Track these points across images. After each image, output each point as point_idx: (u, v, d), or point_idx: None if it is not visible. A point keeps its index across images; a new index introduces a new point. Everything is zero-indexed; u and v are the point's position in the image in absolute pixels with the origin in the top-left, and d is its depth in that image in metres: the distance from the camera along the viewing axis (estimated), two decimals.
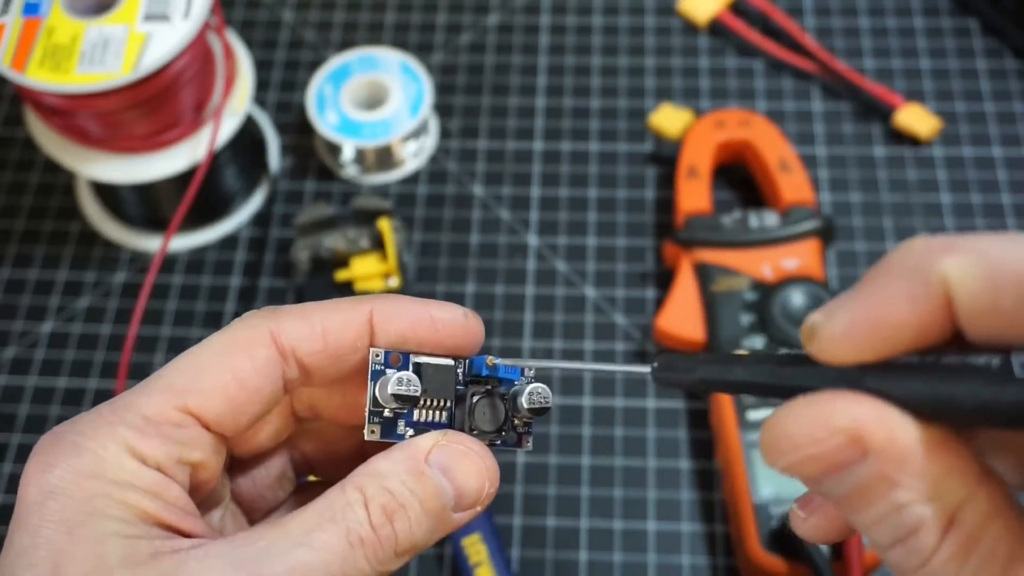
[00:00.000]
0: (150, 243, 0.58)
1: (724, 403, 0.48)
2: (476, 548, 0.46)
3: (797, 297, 0.50)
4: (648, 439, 0.51)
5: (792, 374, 0.23)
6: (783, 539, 0.45)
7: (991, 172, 0.58)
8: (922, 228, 0.56)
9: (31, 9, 0.49)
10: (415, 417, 0.28)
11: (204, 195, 0.54)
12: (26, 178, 0.61)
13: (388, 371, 0.27)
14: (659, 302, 0.55)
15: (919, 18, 0.63)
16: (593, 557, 0.48)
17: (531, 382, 0.29)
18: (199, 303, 0.55)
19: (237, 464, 0.31)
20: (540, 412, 0.29)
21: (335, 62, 0.60)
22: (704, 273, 0.51)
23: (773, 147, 0.55)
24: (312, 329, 0.28)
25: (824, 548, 0.44)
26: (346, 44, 0.64)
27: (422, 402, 0.28)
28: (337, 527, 0.25)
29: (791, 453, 0.21)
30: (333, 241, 0.54)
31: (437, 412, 0.28)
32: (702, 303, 0.51)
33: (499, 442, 0.29)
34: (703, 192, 0.54)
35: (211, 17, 0.51)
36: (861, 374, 0.21)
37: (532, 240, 0.57)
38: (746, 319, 0.50)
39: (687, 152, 0.55)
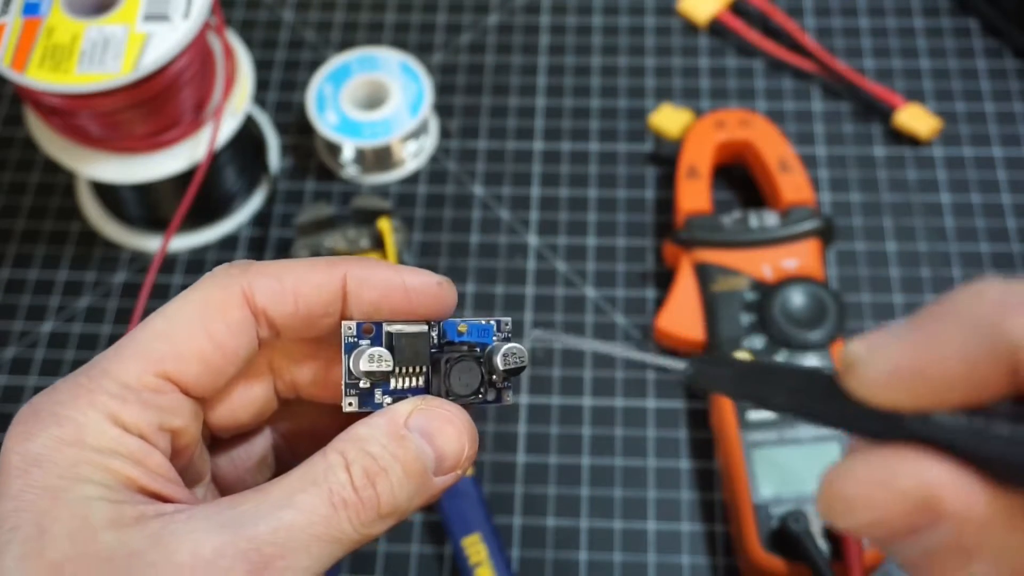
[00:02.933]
0: (150, 243, 0.58)
1: (724, 403, 0.48)
2: (476, 548, 0.46)
3: (797, 297, 0.50)
4: (648, 439, 0.51)
5: (838, 412, 0.21)
6: (783, 539, 0.45)
7: (991, 172, 0.58)
8: (922, 228, 0.56)
9: (31, 9, 0.49)
10: (392, 385, 0.28)
11: (204, 195, 0.54)
12: (26, 178, 0.61)
13: (361, 342, 0.27)
14: (659, 302, 0.55)
15: (919, 18, 0.63)
16: (593, 557, 0.48)
17: (506, 342, 0.29)
18: None
19: (218, 445, 0.31)
20: (516, 372, 0.28)
21: (335, 62, 0.60)
22: (704, 273, 0.51)
23: (773, 147, 0.55)
24: (284, 290, 0.28)
25: (824, 548, 0.44)
26: (346, 44, 0.64)
27: (397, 370, 0.28)
28: (319, 489, 0.25)
29: (851, 516, 0.19)
30: (333, 241, 0.54)
31: (413, 378, 0.28)
32: (702, 303, 0.51)
33: (479, 400, 0.29)
34: (703, 192, 0.54)
35: (211, 17, 0.51)
36: (923, 423, 0.18)
37: (532, 240, 0.57)
38: (746, 319, 0.50)
39: (687, 152, 0.55)
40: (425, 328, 0.28)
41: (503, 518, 0.49)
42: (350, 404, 0.28)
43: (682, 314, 0.51)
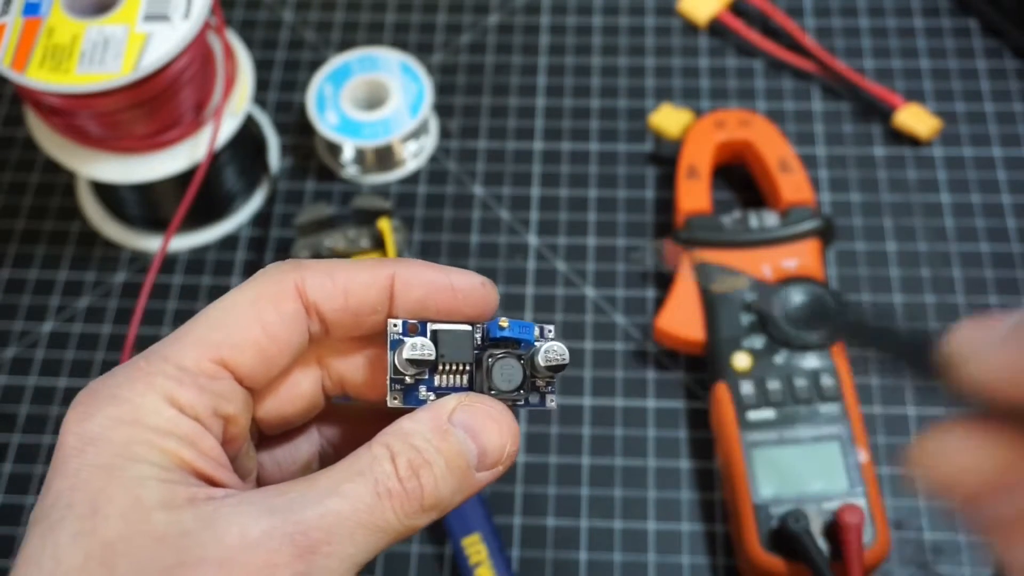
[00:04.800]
0: (150, 243, 0.58)
1: (724, 403, 0.48)
2: (476, 548, 0.46)
3: (797, 297, 0.50)
4: (648, 439, 0.51)
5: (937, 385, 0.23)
6: (783, 539, 0.45)
7: (991, 172, 0.58)
8: (922, 228, 0.56)
9: (31, 9, 0.49)
10: (436, 383, 0.29)
11: (204, 195, 0.54)
12: (26, 178, 0.61)
13: (406, 339, 0.28)
14: (659, 302, 0.55)
15: (919, 18, 0.63)
16: (593, 557, 0.48)
17: (548, 341, 0.29)
18: (199, 303, 0.55)
19: (264, 444, 0.32)
20: (557, 370, 0.29)
21: (335, 62, 0.60)
22: (704, 273, 0.51)
23: (773, 147, 0.55)
24: (335, 286, 0.28)
25: (824, 548, 0.44)
26: (346, 44, 0.64)
27: (441, 367, 0.28)
28: (365, 479, 0.26)
29: (947, 468, 0.21)
30: (333, 241, 0.54)
31: (456, 376, 0.29)
32: (702, 303, 0.51)
33: (521, 402, 0.29)
34: (703, 192, 0.54)
35: (211, 17, 0.51)
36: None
37: (532, 240, 0.57)
38: (746, 319, 0.50)
39: (687, 152, 0.55)
40: (469, 328, 0.29)
41: (503, 518, 0.49)
42: (394, 399, 0.28)
43: (682, 314, 0.51)
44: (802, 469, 0.46)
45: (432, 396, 0.28)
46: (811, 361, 0.49)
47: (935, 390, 0.23)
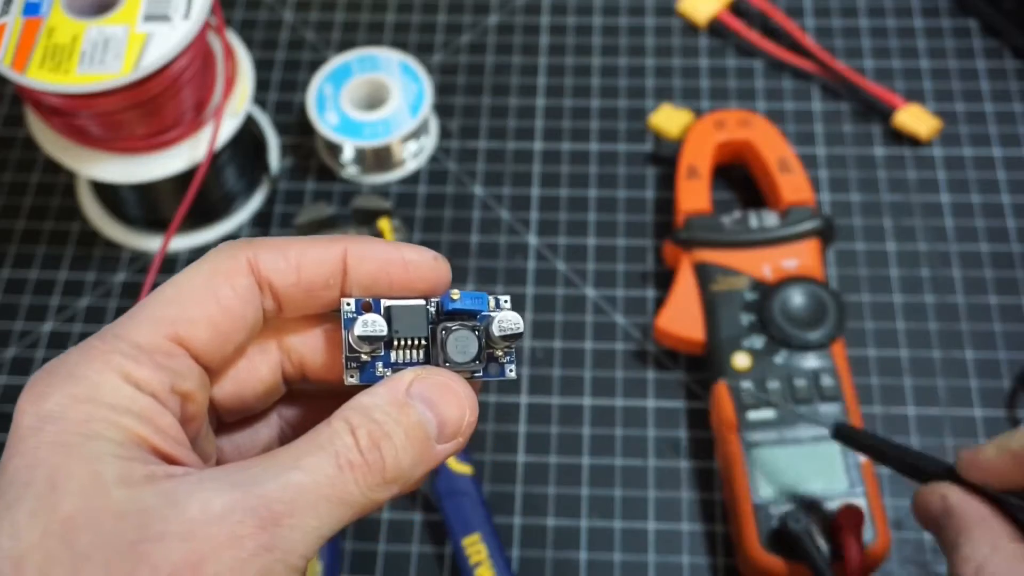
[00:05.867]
0: (150, 243, 0.58)
1: (724, 403, 0.48)
2: (476, 548, 0.46)
3: (797, 297, 0.50)
4: (648, 439, 0.51)
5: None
6: (783, 539, 0.45)
7: (991, 172, 0.58)
8: (922, 228, 0.56)
9: (31, 9, 0.49)
10: (392, 358, 0.29)
11: (204, 195, 0.54)
12: (26, 178, 0.61)
13: (360, 318, 0.28)
14: (659, 302, 0.55)
15: (919, 18, 0.63)
16: (593, 557, 0.48)
17: (502, 311, 0.29)
18: None
19: (223, 430, 0.31)
20: (512, 339, 0.29)
21: (335, 62, 0.60)
22: (704, 273, 0.51)
23: (773, 147, 0.55)
24: (287, 262, 0.28)
25: (824, 548, 0.44)
26: (346, 44, 0.64)
27: (396, 343, 0.29)
28: (326, 452, 0.26)
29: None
30: None
31: (412, 351, 0.29)
32: (702, 303, 0.51)
33: (479, 372, 0.29)
34: (703, 192, 0.54)
35: (211, 17, 0.51)
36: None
37: (532, 240, 0.57)
38: (746, 319, 0.50)
39: (687, 152, 0.55)
40: (423, 302, 0.29)
41: (503, 518, 0.49)
42: (351, 377, 0.28)
43: (682, 314, 0.51)
44: (802, 469, 0.46)
45: (388, 372, 0.29)
46: (811, 361, 0.49)
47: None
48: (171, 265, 0.57)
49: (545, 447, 0.51)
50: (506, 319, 0.29)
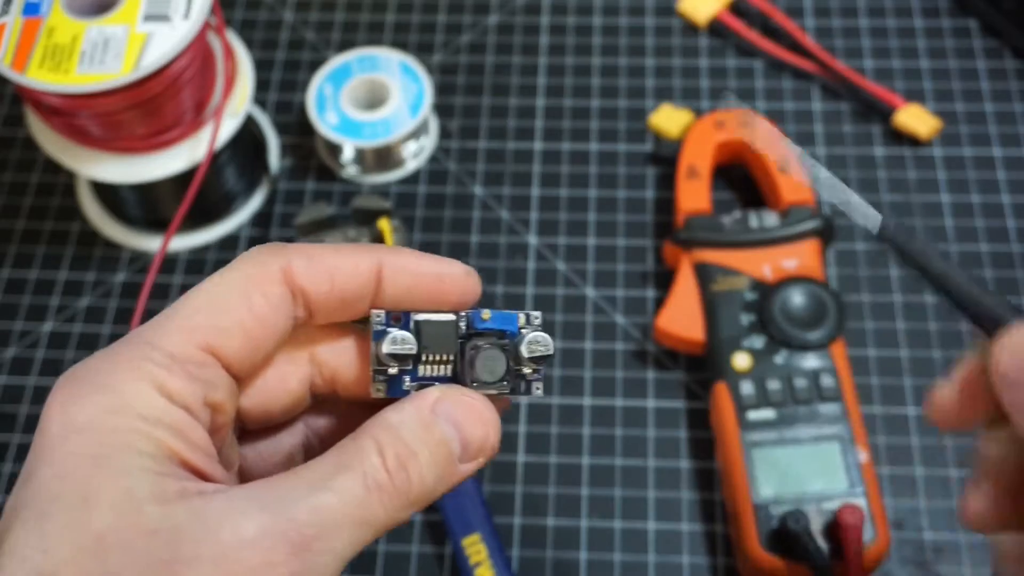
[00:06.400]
0: (150, 243, 0.58)
1: (724, 403, 0.48)
2: (476, 548, 0.46)
3: (797, 297, 0.50)
4: (648, 439, 0.51)
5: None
6: (783, 539, 0.45)
7: (991, 172, 0.58)
8: (922, 228, 0.56)
9: (31, 9, 0.49)
10: (420, 373, 0.28)
11: (204, 195, 0.54)
12: (26, 178, 0.61)
13: (390, 330, 0.28)
14: (659, 302, 0.55)
15: (919, 18, 0.63)
16: (593, 557, 0.48)
17: (533, 331, 0.29)
18: None
19: (246, 437, 0.31)
20: (540, 360, 0.29)
21: (335, 62, 0.60)
22: (704, 273, 0.51)
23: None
24: (320, 271, 0.28)
25: (824, 548, 0.44)
26: (346, 44, 0.64)
27: (425, 357, 0.28)
28: (354, 473, 0.25)
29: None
30: (333, 241, 0.54)
31: (440, 367, 0.28)
32: (702, 303, 0.51)
33: (506, 392, 0.29)
34: (703, 192, 0.54)
35: (211, 17, 0.51)
36: None
37: (532, 240, 0.57)
38: (746, 319, 0.50)
39: (687, 152, 0.55)
40: (453, 317, 0.29)
41: (503, 518, 0.49)
42: (378, 390, 0.28)
43: (682, 314, 0.51)
44: (802, 469, 0.46)
45: (415, 387, 0.28)
46: (811, 361, 0.49)
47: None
48: (171, 265, 0.57)
49: (545, 447, 0.51)
50: (536, 340, 0.29)
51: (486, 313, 0.29)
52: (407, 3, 0.66)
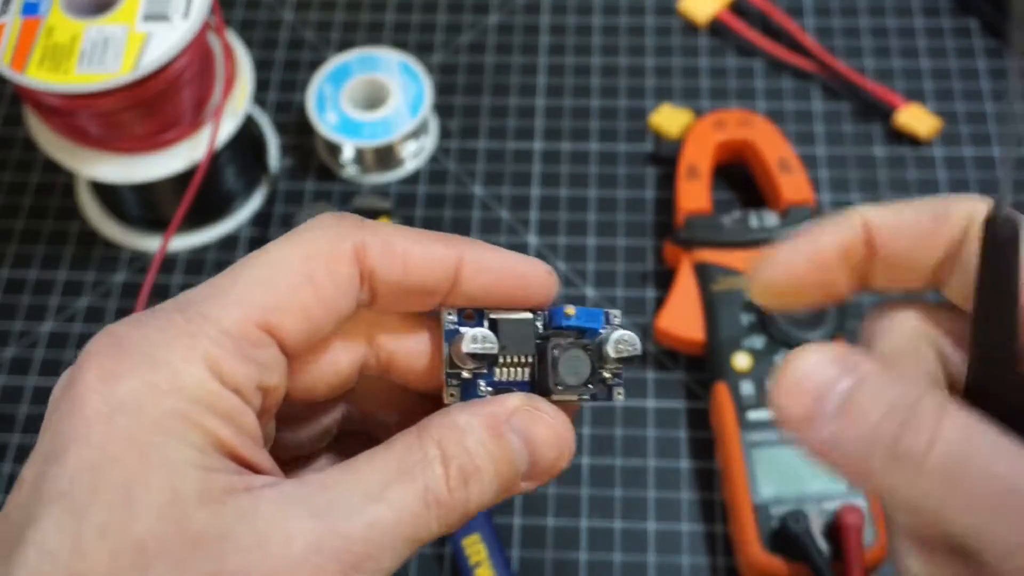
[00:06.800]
0: (150, 243, 0.58)
1: (724, 403, 0.48)
2: (476, 548, 0.46)
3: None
4: (648, 439, 0.51)
5: None
6: (783, 539, 0.45)
7: (991, 172, 0.58)
8: None
9: (31, 9, 0.49)
10: (496, 376, 0.26)
11: (204, 195, 0.54)
12: (26, 178, 0.61)
13: (462, 329, 0.26)
14: (659, 302, 0.55)
15: (919, 18, 0.63)
16: (593, 557, 0.48)
17: (616, 329, 0.27)
18: None
19: (286, 410, 0.29)
20: (628, 361, 0.27)
21: (335, 62, 0.60)
22: (704, 273, 0.51)
23: (773, 147, 0.55)
24: (396, 257, 0.26)
25: (824, 548, 0.44)
26: (346, 44, 0.64)
27: (502, 359, 0.26)
28: (416, 485, 0.24)
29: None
30: None
31: (518, 369, 0.26)
32: (702, 303, 0.51)
33: (588, 396, 0.26)
34: (703, 192, 0.54)
35: (211, 17, 0.51)
36: None
37: (532, 240, 0.57)
38: (746, 319, 0.50)
39: (687, 152, 0.55)
40: (531, 316, 0.27)
41: (503, 518, 0.49)
42: (451, 396, 0.26)
43: (682, 314, 0.51)
44: (802, 469, 0.46)
45: (491, 391, 0.26)
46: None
47: None
48: (171, 265, 0.57)
49: None
50: (623, 339, 0.26)
51: (570, 308, 0.27)
52: (407, 3, 0.66)
